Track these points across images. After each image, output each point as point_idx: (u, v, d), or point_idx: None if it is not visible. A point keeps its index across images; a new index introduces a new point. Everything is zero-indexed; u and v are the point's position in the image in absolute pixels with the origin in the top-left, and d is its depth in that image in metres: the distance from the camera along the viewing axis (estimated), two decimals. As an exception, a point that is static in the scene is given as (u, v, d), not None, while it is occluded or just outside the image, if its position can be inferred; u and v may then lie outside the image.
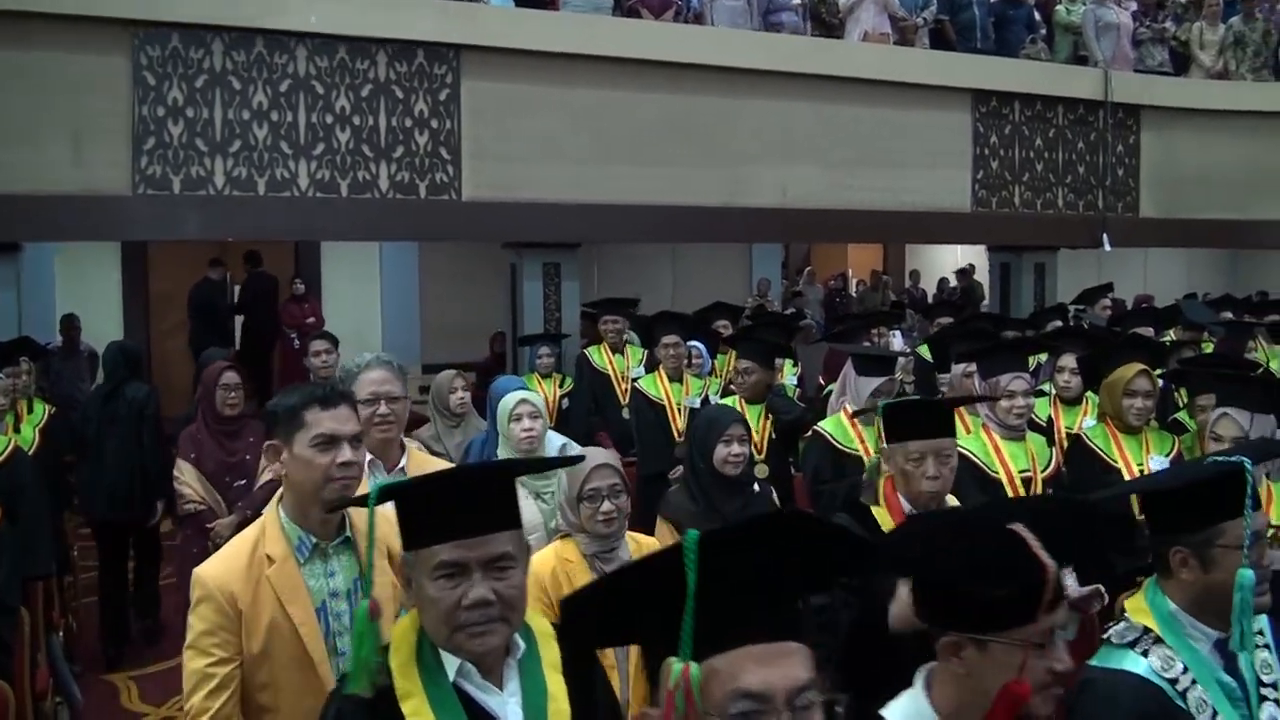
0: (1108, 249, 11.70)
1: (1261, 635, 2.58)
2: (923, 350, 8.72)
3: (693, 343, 8.19)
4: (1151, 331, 8.44)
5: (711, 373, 8.55)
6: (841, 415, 5.82)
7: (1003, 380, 5.11)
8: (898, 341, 9.48)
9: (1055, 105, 11.44)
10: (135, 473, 6.95)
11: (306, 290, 14.35)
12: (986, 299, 14.82)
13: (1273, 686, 2.53)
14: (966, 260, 19.91)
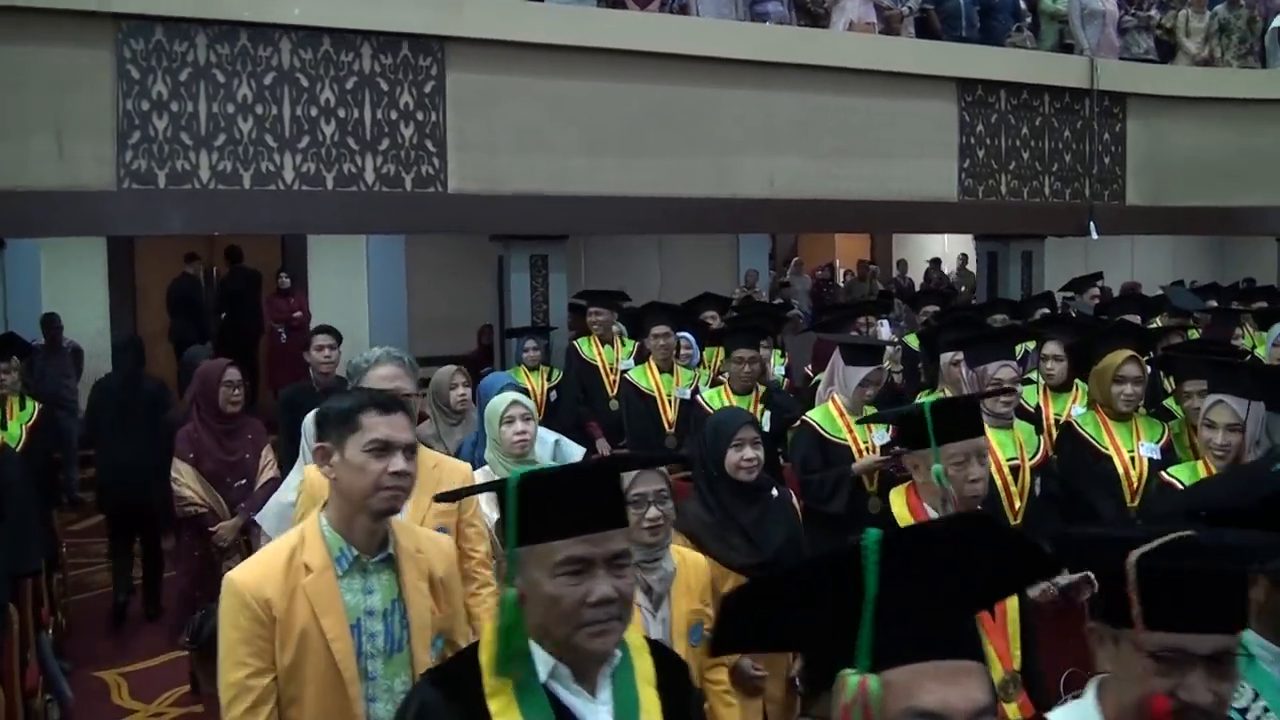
0: (1095, 237, 11.72)
1: None
2: (910, 340, 8.73)
3: (682, 334, 8.19)
4: (1139, 319, 8.46)
5: (701, 364, 8.55)
6: (830, 405, 5.82)
7: (990, 369, 5.12)
8: (886, 331, 9.48)
9: (1041, 94, 11.45)
10: (150, 463, 6.94)
11: (293, 284, 14.32)
12: (966, 289, 14.83)
13: None
14: (954, 249, 19.95)
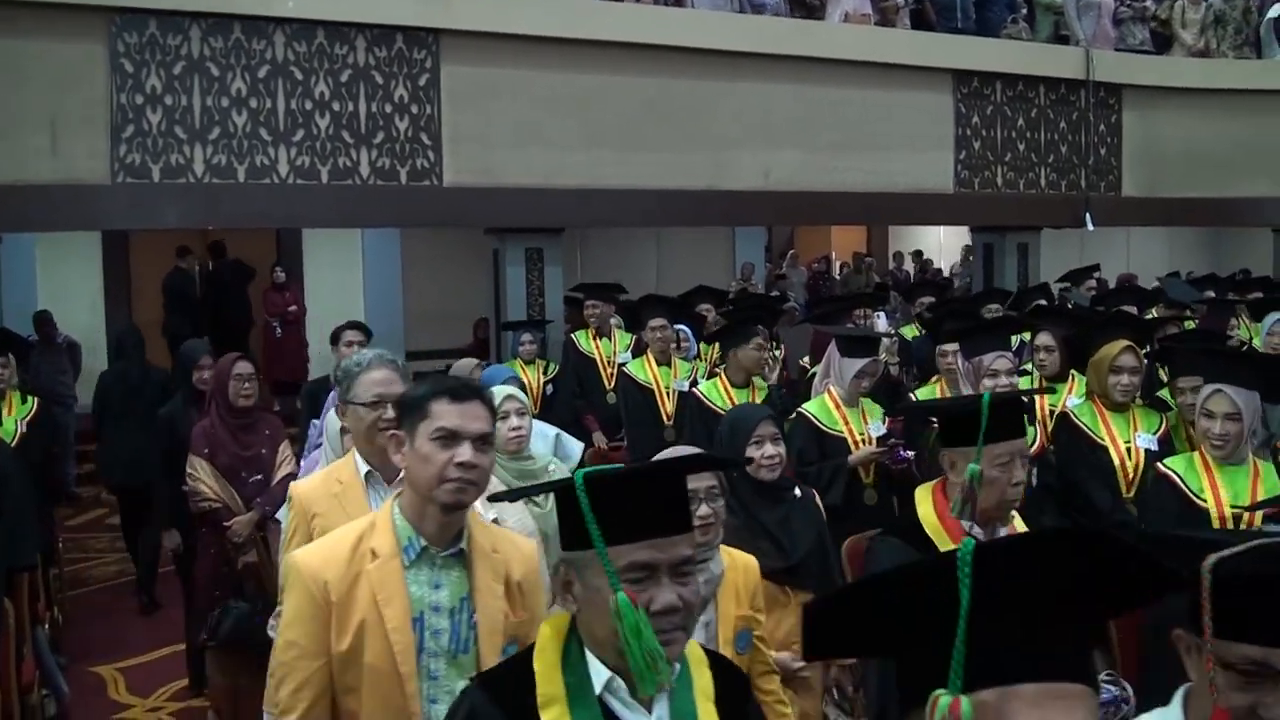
0: (1090, 228, 11.71)
1: None
2: (906, 331, 8.74)
3: (680, 326, 8.19)
4: (1135, 310, 8.46)
5: (698, 356, 8.55)
6: (825, 397, 5.82)
7: (985, 359, 5.12)
8: (882, 323, 9.48)
9: (1037, 85, 11.43)
10: (152, 449, 6.89)
11: (288, 278, 14.31)
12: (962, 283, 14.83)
13: None
14: (949, 241, 19.96)
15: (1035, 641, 1.40)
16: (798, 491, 4.26)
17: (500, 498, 2.63)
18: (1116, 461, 5.10)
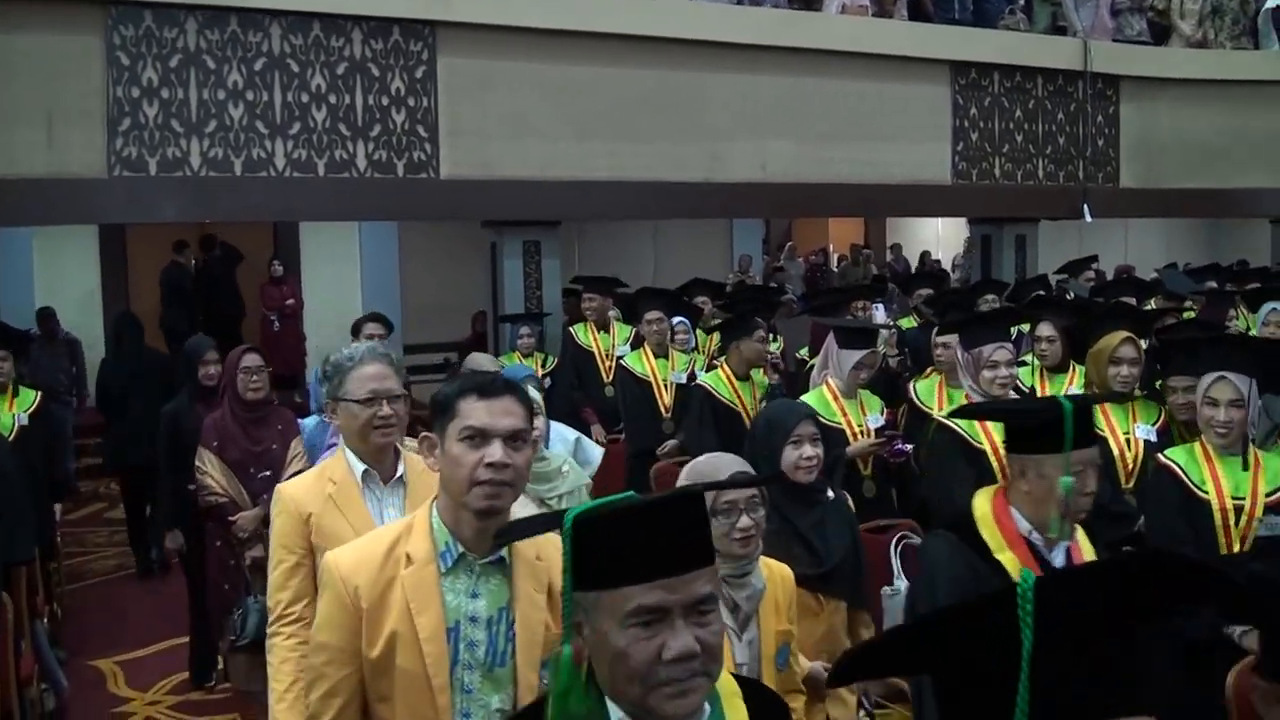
0: (1088, 220, 11.71)
1: None
2: (905, 323, 8.73)
3: (679, 319, 8.18)
4: (1134, 301, 8.46)
5: (695, 348, 8.55)
6: (824, 388, 5.82)
7: (985, 350, 5.09)
8: (880, 315, 9.46)
9: (1034, 76, 11.42)
10: (154, 429, 6.79)
11: (285, 272, 14.30)
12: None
13: None
14: (947, 233, 19.95)
15: (1105, 682, 1.35)
16: (830, 494, 4.08)
17: (503, 538, 2.46)
18: (1116, 453, 5.09)
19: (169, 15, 7.87)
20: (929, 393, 6.40)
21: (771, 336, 8.66)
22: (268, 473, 5.55)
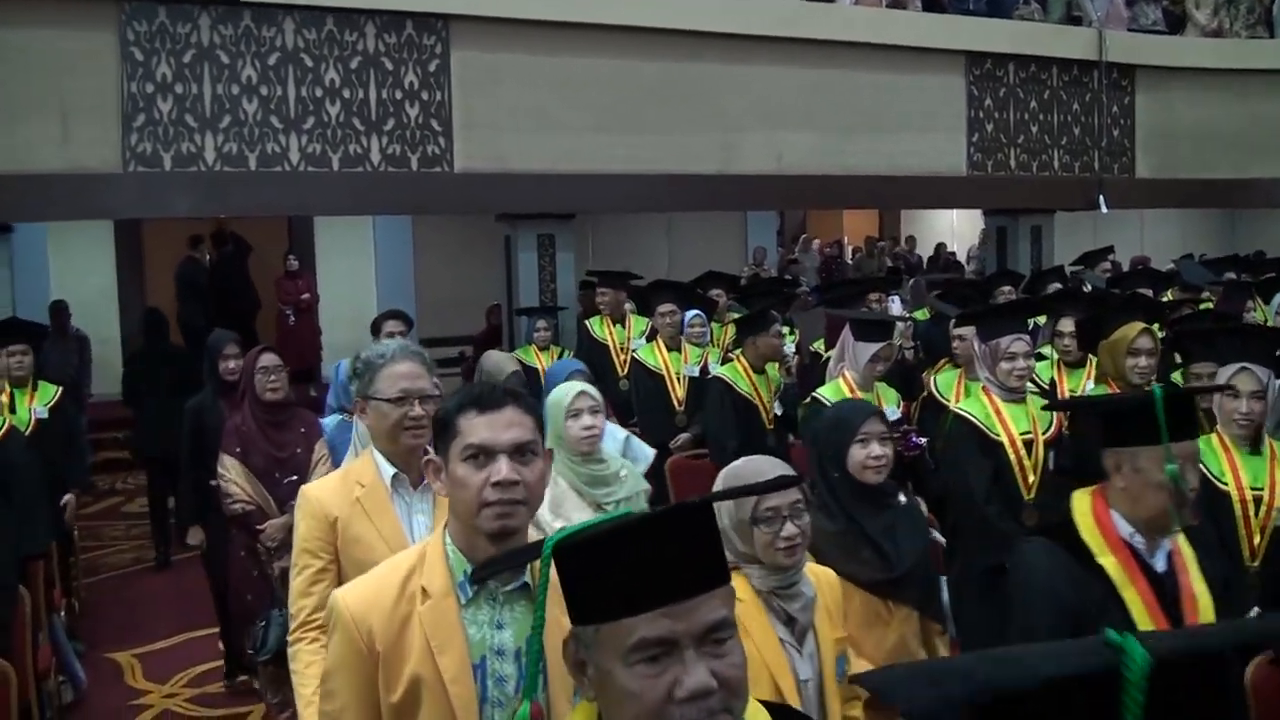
0: (1104, 211, 11.66)
1: None
2: (920, 314, 8.70)
3: (694, 311, 8.17)
4: (1150, 293, 8.41)
5: (710, 341, 8.53)
6: (840, 381, 5.80)
7: (1002, 343, 5.07)
8: (896, 307, 9.44)
9: (1050, 66, 11.38)
10: (177, 419, 6.74)
11: (300, 266, 14.32)
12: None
13: None
14: (962, 225, 19.89)
15: None
16: (902, 497, 3.87)
17: (480, 576, 2.28)
18: (1136, 445, 5.07)
19: (182, 11, 7.88)
20: (949, 386, 6.37)
21: (788, 330, 8.66)
22: (294, 478, 5.29)
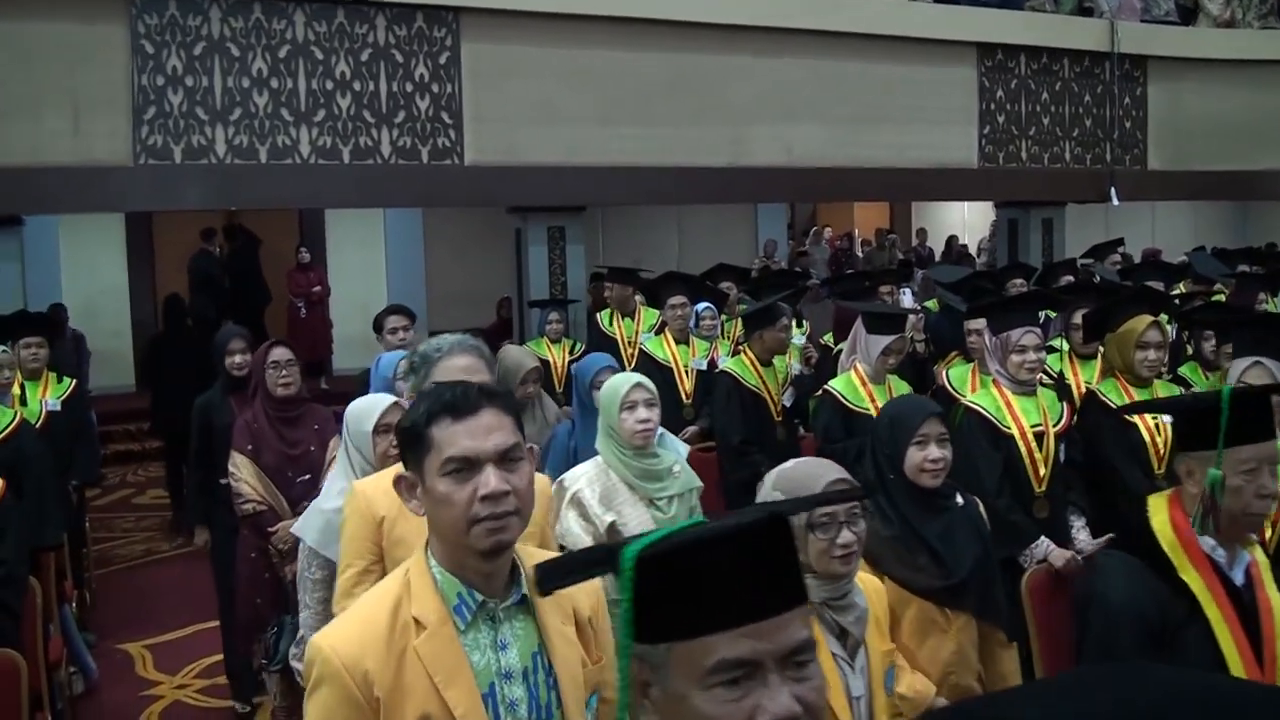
0: (1116, 203, 11.62)
1: None
2: (932, 306, 8.68)
3: (704, 304, 8.15)
4: (1162, 286, 8.38)
5: (721, 334, 8.52)
6: (851, 374, 5.79)
7: (1013, 335, 5.05)
8: (908, 299, 9.43)
9: (1061, 57, 11.34)
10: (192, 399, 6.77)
11: (311, 258, 14.34)
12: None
13: None
14: (974, 218, 19.83)
15: None
16: (959, 499, 3.69)
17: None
18: (1146, 439, 5.05)
19: (193, 3, 7.89)
20: (962, 379, 6.34)
21: (797, 322, 8.64)
22: (307, 477, 5.20)
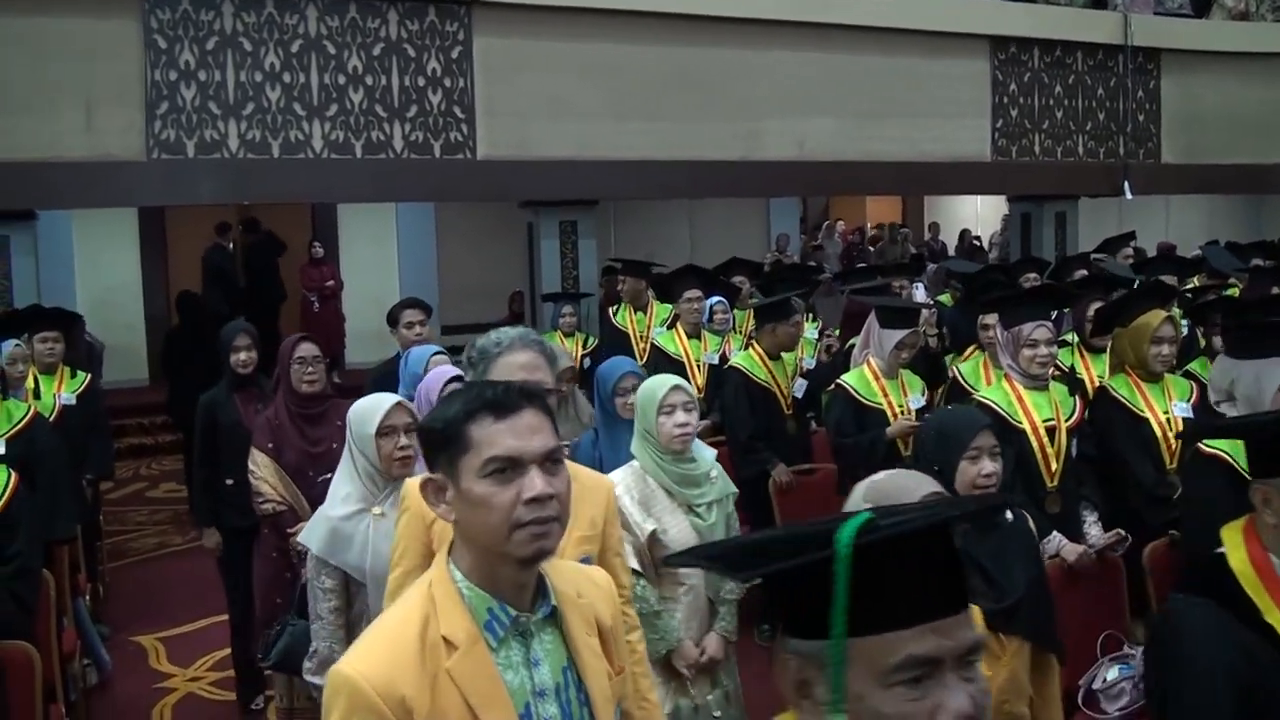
0: (1129, 197, 11.59)
1: None
2: (945, 299, 8.67)
3: (717, 298, 8.14)
4: (1175, 280, 8.35)
5: (733, 328, 8.52)
6: (864, 368, 5.79)
7: (1024, 329, 5.04)
8: (920, 294, 9.39)
9: (1075, 50, 11.30)
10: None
11: (324, 253, 14.38)
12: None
13: None
14: (986, 212, 19.78)
15: None
16: (1009, 514, 3.48)
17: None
18: (1159, 433, 5.04)
19: (206, -2, 7.92)
20: (973, 372, 6.34)
21: (809, 316, 8.63)
22: (329, 475, 4.75)
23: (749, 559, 1.48)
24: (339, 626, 3.62)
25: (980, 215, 20.62)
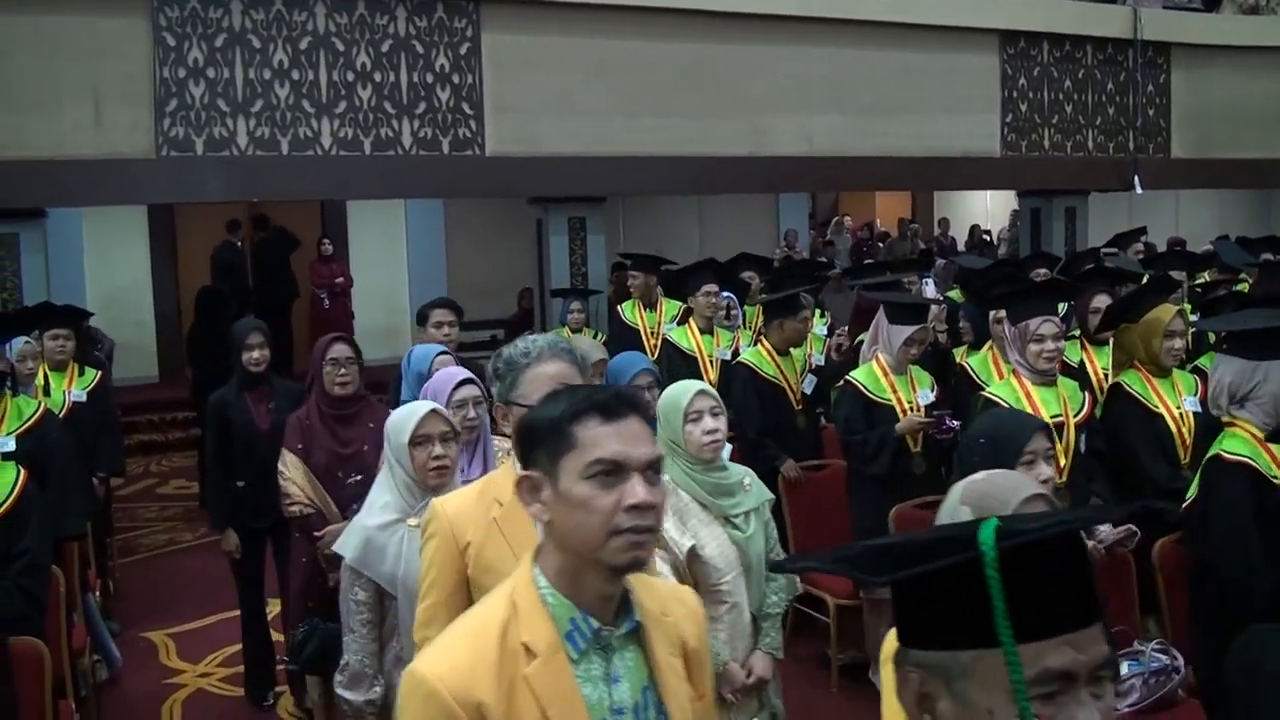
0: (1139, 191, 11.57)
1: None
2: (954, 294, 8.65)
3: (725, 293, 8.14)
4: (1185, 275, 8.33)
5: (742, 324, 8.51)
6: (873, 364, 5.77)
7: (1031, 324, 5.02)
8: (930, 289, 9.37)
9: (1084, 45, 11.28)
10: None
11: (333, 250, 14.39)
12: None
13: None
14: (996, 207, 19.75)
15: None
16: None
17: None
18: (1173, 429, 5.02)
19: (214, -5, 7.93)
20: (983, 366, 6.32)
21: (819, 312, 8.63)
22: (358, 477, 4.88)
23: (886, 561, 1.40)
24: (372, 640, 3.58)
25: (990, 210, 20.58)
